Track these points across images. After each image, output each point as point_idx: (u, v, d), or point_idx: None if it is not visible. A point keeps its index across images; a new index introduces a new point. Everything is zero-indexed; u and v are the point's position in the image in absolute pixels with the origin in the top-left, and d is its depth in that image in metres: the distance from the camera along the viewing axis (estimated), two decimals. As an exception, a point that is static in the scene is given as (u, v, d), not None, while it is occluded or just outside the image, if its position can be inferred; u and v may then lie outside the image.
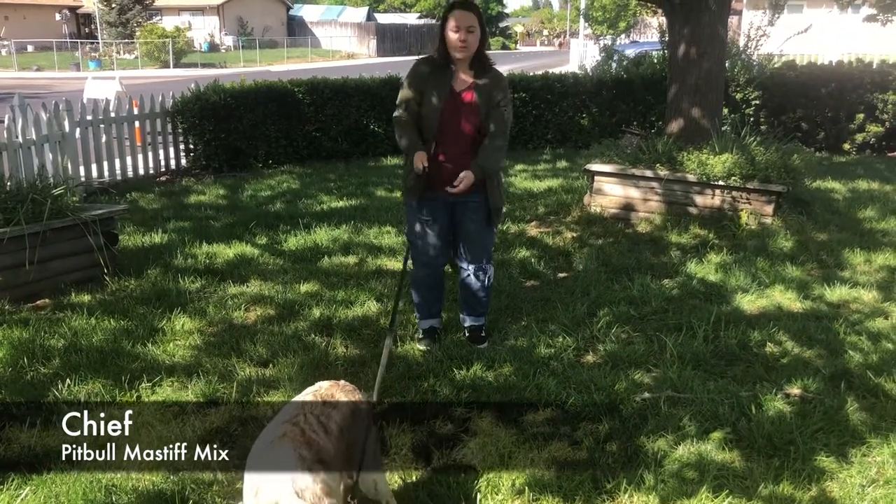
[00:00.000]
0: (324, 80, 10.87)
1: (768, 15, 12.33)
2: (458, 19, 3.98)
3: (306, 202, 8.10)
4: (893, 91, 10.87)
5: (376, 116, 11.01)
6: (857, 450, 3.35)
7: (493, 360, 4.23)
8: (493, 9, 68.79)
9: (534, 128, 11.68)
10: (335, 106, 10.67)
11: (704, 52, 7.13)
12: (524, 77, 11.77)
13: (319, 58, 45.82)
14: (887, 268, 5.80)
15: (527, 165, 10.17)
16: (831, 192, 8.34)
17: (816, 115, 11.24)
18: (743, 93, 11.14)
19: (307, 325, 4.77)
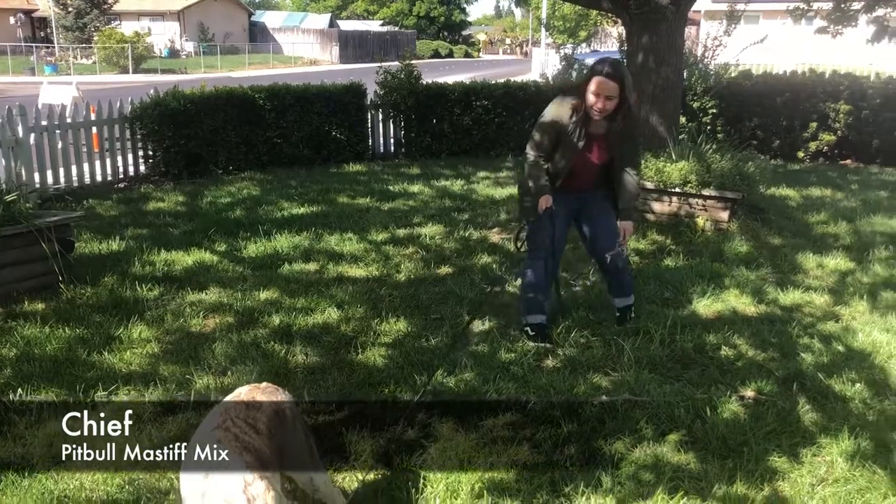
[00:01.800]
0: (285, 86, 10.82)
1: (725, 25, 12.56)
2: (600, 87, 4.17)
3: (267, 209, 8.05)
4: (845, 101, 11.15)
5: (338, 123, 10.99)
6: (808, 450, 3.42)
7: (454, 365, 4.25)
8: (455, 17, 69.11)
9: (496, 135, 11.73)
10: (296, 112, 10.62)
11: (662, 61, 7.25)
12: (486, 85, 11.83)
13: (281, 64, 45.58)
14: (838, 272, 5.95)
15: (489, 172, 10.22)
16: (785, 198, 8.52)
17: (771, 124, 11.48)
18: (700, 101, 11.34)
19: (266, 332, 4.74)
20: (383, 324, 4.86)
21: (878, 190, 9.06)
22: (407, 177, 9.97)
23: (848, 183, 9.60)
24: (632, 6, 7.10)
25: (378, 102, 11.60)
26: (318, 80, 11.77)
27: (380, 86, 11.52)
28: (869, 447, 3.40)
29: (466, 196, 8.77)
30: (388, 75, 11.46)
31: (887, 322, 4.93)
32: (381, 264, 6.11)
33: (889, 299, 5.33)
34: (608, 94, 4.18)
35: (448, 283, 5.64)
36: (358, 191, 8.99)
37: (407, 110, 11.47)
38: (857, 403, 3.85)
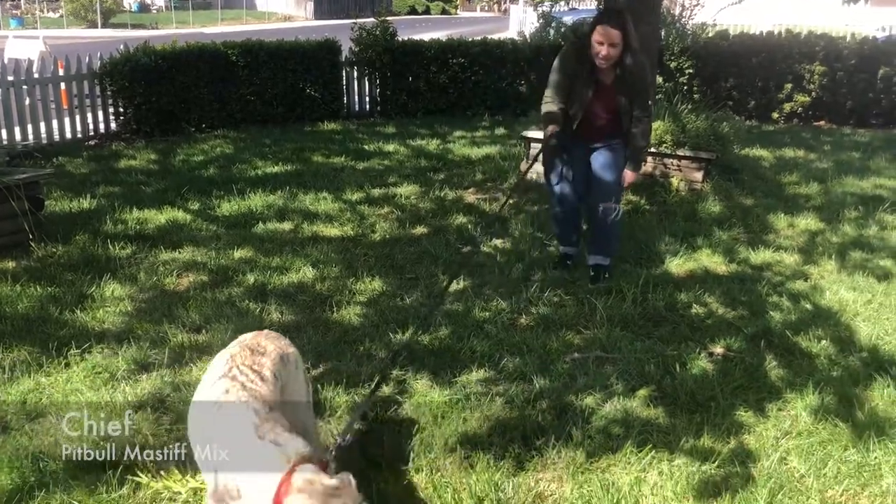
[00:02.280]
0: (259, 42, 10.63)
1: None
2: (604, 35, 4.38)
3: (240, 167, 7.98)
4: (820, 62, 11.19)
5: (313, 80, 10.84)
6: (773, 404, 3.51)
7: (428, 323, 4.28)
8: (433, -26, 67.98)
9: (472, 94, 11.65)
10: (270, 69, 10.45)
11: (639, 20, 7.15)
12: (463, 42, 11.71)
13: (255, 20, 44.71)
14: (809, 232, 6.03)
15: (465, 132, 10.17)
16: (759, 159, 8.59)
17: (747, 85, 11.52)
18: (677, 61, 11.33)
19: (241, 291, 4.74)
20: (358, 283, 4.87)
21: (851, 151, 9.16)
22: (382, 136, 9.91)
23: (821, 144, 9.69)
24: (609, -37, 7.03)
25: (353, 60, 11.45)
26: (293, 36, 11.58)
27: (355, 42, 11.36)
28: (832, 402, 3.49)
29: (442, 156, 8.73)
30: (364, 32, 11.30)
31: (854, 281, 5.02)
32: (356, 224, 6.10)
33: (857, 259, 5.42)
34: (612, 42, 4.36)
35: (423, 243, 5.65)
36: (333, 150, 8.92)
37: (382, 68, 11.34)
38: (823, 360, 3.94)
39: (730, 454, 3.12)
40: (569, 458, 3.08)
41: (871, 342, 4.14)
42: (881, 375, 3.72)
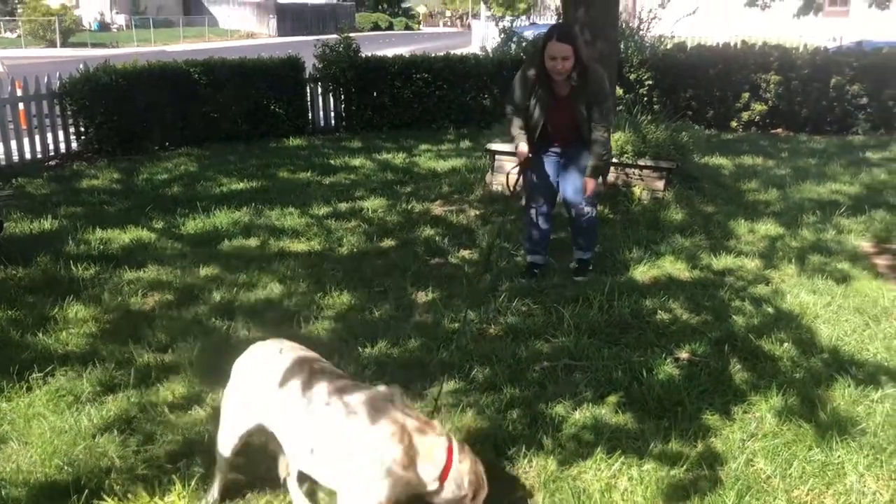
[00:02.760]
0: (221, 60, 10.61)
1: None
2: (554, 50, 4.56)
3: (205, 185, 7.92)
4: (775, 72, 11.45)
5: (277, 97, 10.84)
6: (739, 407, 3.56)
7: (398, 335, 4.28)
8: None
9: (437, 108, 11.72)
10: (234, 86, 10.43)
11: (598, 34, 7.31)
12: (426, 58, 11.79)
13: (217, 37, 44.43)
14: (768, 237, 6.15)
15: (431, 145, 10.22)
16: (719, 167, 8.74)
17: (705, 95, 11.73)
18: (636, 73, 11.50)
19: (207, 309, 4.70)
20: (326, 297, 4.86)
21: (807, 157, 9.37)
22: (348, 150, 9.91)
23: (778, 151, 9.89)
24: (568, -22, 7.14)
25: (317, 76, 11.46)
26: (256, 53, 11.57)
27: (318, 59, 11.38)
28: (796, 403, 3.56)
29: (408, 169, 8.76)
30: (327, 48, 11.33)
31: (814, 284, 5.13)
32: (323, 238, 6.08)
33: (816, 262, 5.54)
34: (563, 55, 4.56)
35: (391, 256, 5.66)
36: (298, 165, 8.91)
37: (347, 83, 11.37)
38: (786, 362, 4.01)
39: (697, 458, 3.16)
40: (540, 467, 3.10)
41: (832, 343, 4.23)
42: (842, 376, 3.81)
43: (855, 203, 7.06)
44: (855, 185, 7.87)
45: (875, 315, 4.61)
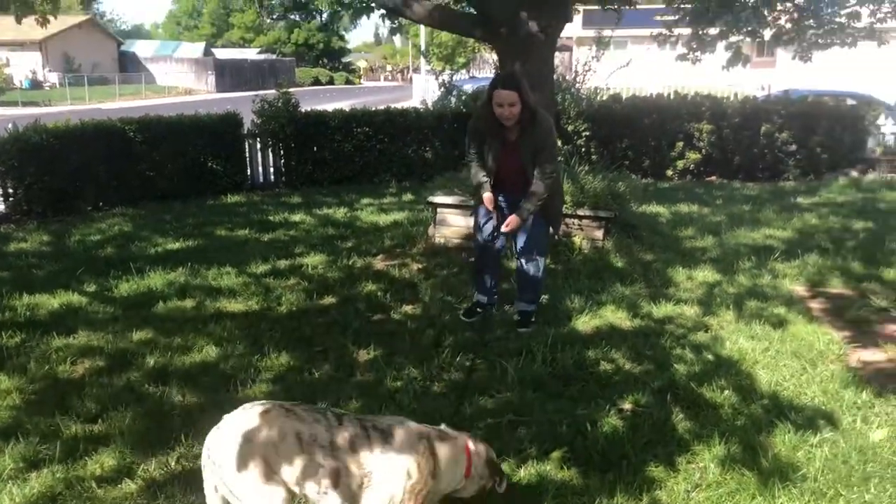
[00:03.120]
0: (157, 117, 10.49)
1: (595, 51, 13.10)
2: (501, 97, 4.70)
3: (140, 245, 7.73)
4: (707, 121, 11.82)
5: (214, 153, 10.74)
6: (683, 457, 3.55)
7: (339, 396, 4.18)
8: (335, 44, 68.98)
9: (378, 162, 11.76)
10: (170, 144, 10.29)
11: (534, 86, 7.41)
12: (367, 112, 11.86)
13: (155, 94, 44.07)
14: (706, 283, 6.25)
15: (373, 199, 10.21)
16: (656, 215, 8.91)
17: (641, 144, 12.05)
18: (574, 125, 11.75)
19: (140, 374, 4.53)
20: (265, 359, 4.73)
21: (741, 204, 9.63)
22: (288, 206, 9.83)
23: (713, 198, 10.16)
24: (503, 34, 7.28)
25: (256, 132, 11.41)
26: (194, 109, 11.48)
27: (257, 114, 11.34)
28: (738, 451, 3.56)
29: (350, 223, 8.71)
30: (265, 104, 11.30)
31: (752, 330, 5.20)
32: (261, 297, 5.96)
33: (753, 308, 5.64)
34: (509, 102, 4.69)
35: (332, 314, 5.57)
36: (236, 222, 8.78)
37: (286, 138, 11.34)
38: (727, 409, 4.03)
39: (644, 512, 3.12)
40: (485, 529, 3.02)
41: (771, 389, 4.27)
42: (782, 421, 3.83)
43: (788, 247, 7.25)
44: (787, 229, 8.10)
45: (811, 359, 4.69)
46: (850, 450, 3.58)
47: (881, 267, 6.62)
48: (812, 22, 9.97)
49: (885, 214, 8.88)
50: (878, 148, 12.81)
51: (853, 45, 9.89)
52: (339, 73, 65.83)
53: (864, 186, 10.97)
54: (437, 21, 7.92)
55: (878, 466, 3.45)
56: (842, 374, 4.44)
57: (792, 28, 10.14)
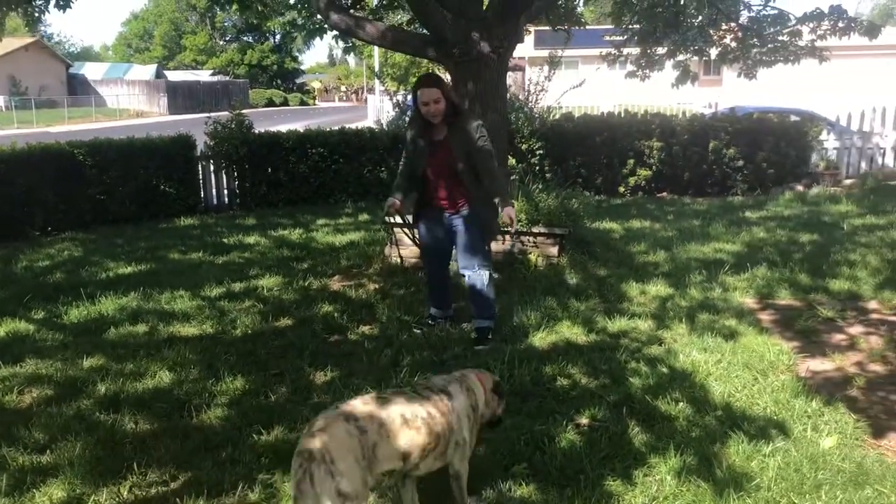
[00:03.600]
0: (107, 140, 10.35)
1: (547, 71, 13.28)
2: (425, 96, 4.94)
3: (90, 270, 7.58)
4: (657, 138, 12.05)
5: (167, 176, 10.61)
6: (639, 470, 3.58)
7: (294, 420, 4.13)
8: (288, 65, 68.76)
9: (334, 182, 11.73)
10: (121, 167, 10.16)
11: (487, 106, 7.51)
12: (322, 132, 11.84)
13: (105, 117, 43.38)
14: (659, 297, 6.34)
15: (328, 220, 10.17)
16: (609, 231, 9.04)
17: (593, 162, 12.22)
18: (528, 143, 11.88)
19: (91, 402, 4.43)
20: (219, 384, 4.66)
21: (691, 219, 9.81)
22: (242, 228, 9.74)
23: (665, 214, 10.34)
24: (455, 55, 7.34)
25: (209, 153, 11.30)
26: (146, 132, 11.33)
27: (210, 136, 11.24)
28: (694, 462, 3.61)
29: (306, 245, 8.66)
30: (219, 126, 11.21)
31: (704, 342, 5.29)
32: (215, 321, 5.88)
33: (705, 320, 5.73)
34: (433, 98, 4.93)
35: (288, 336, 5.52)
36: (190, 245, 8.67)
37: (240, 160, 11.26)
38: (682, 421, 4.08)
39: (602, 526, 3.14)
40: (445, 549, 3.01)
41: (724, 400, 4.34)
42: (735, 432, 3.90)
43: (738, 261, 7.40)
44: (736, 243, 8.27)
45: (762, 370, 4.78)
46: (801, 458, 3.65)
47: (827, 278, 6.80)
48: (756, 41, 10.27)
49: (829, 227, 9.13)
50: (821, 162, 13.18)
51: (796, 63, 10.21)
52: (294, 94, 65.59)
53: (809, 200, 11.27)
54: (390, 41, 7.96)
55: (828, 473, 3.53)
56: (792, 383, 4.54)
57: (737, 47, 10.43)
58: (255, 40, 68.22)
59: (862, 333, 5.54)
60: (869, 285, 6.59)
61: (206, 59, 68.17)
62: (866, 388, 4.60)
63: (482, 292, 5.28)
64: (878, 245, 7.96)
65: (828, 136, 13.39)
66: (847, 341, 5.40)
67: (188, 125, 13.81)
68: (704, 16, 10.45)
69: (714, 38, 10.68)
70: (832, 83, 25.99)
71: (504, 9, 7.32)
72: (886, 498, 3.35)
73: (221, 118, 11.44)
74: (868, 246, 7.93)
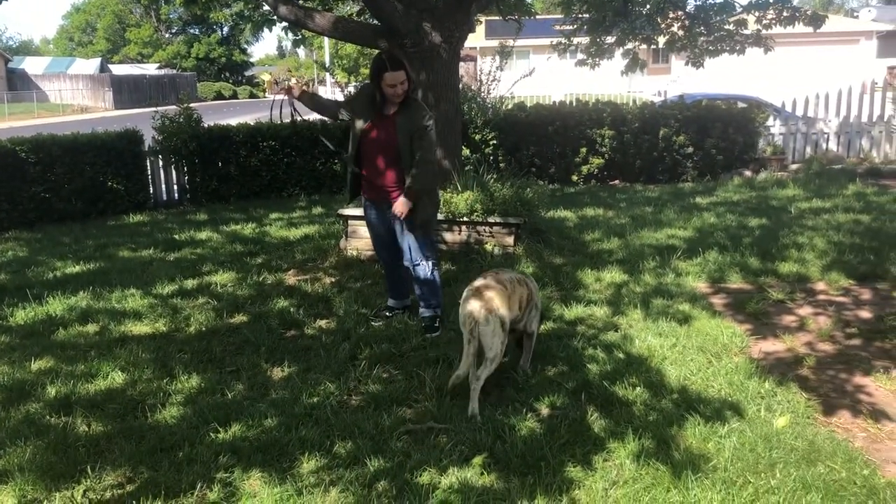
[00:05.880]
0: (51, 136, 10.06)
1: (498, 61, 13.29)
2: (392, 79, 4.86)
3: (36, 270, 7.37)
4: (608, 126, 12.17)
5: (114, 172, 10.38)
6: (599, 456, 3.62)
7: (252, 416, 4.08)
8: (237, 57, 67.64)
9: (287, 176, 11.60)
10: (66, 164, 9.90)
11: (440, 97, 7.51)
12: (273, 126, 11.66)
13: (48, 113, 42.18)
14: (614, 284, 6.41)
15: (282, 214, 10.05)
16: (564, 219, 9.10)
17: (547, 151, 12.28)
18: (481, 134, 11.89)
19: (41, 406, 4.32)
20: (174, 382, 4.58)
21: (644, 206, 9.94)
22: (193, 223, 9.57)
23: (617, 202, 10.45)
24: (407, 45, 7.31)
25: (157, 149, 11.07)
26: (91, 128, 11.05)
27: (158, 131, 11.01)
28: (652, 446, 3.66)
29: (259, 239, 8.55)
30: (166, 120, 10.99)
31: (659, 327, 5.37)
32: (168, 319, 5.77)
33: (659, 305, 5.81)
34: (400, 81, 4.90)
35: (243, 332, 5.44)
36: (140, 242, 8.49)
37: (189, 155, 11.05)
38: (639, 406, 4.14)
39: (564, 511, 3.17)
40: (408, 541, 3.00)
41: (680, 384, 4.41)
42: (691, 414, 3.97)
43: (690, 246, 7.52)
44: (688, 229, 8.40)
45: (716, 352, 4.87)
46: (756, 438, 3.73)
47: (776, 261, 6.94)
48: (702, 29, 10.43)
49: (777, 211, 9.32)
50: (768, 148, 13.44)
51: (742, 52, 10.40)
52: (243, 86, 64.56)
53: (757, 185, 11.50)
54: (340, 33, 7.89)
55: (782, 452, 3.61)
56: (745, 365, 4.63)
57: (684, 35, 10.58)
58: (203, 32, 66.98)
59: (811, 314, 5.68)
60: (816, 267, 6.75)
61: (151, 53, 66.76)
62: (816, 367, 4.72)
63: (427, 281, 5.29)
64: (824, 228, 8.16)
65: (774, 123, 13.67)
66: (797, 322, 5.53)
67: (135, 120, 13.54)
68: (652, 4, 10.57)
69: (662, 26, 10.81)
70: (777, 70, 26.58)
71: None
72: (837, 473, 3.44)
73: (169, 112, 11.21)
74: (815, 229, 8.13)
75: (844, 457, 3.58)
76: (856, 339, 5.19)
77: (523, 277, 4.61)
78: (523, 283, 4.50)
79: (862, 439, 3.84)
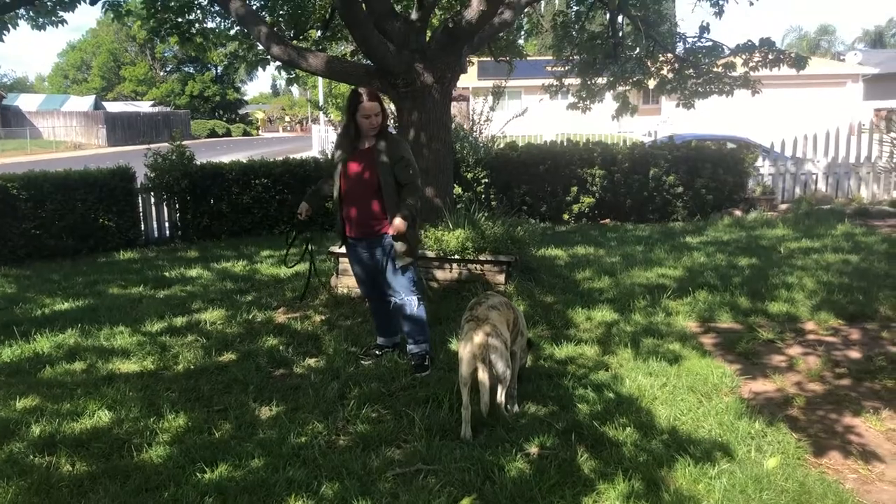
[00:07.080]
0: (43, 173, 10.08)
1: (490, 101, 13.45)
2: (367, 109, 5.00)
3: (25, 307, 7.33)
4: (599, 166, 12.28)
5: (106, 209, 10.37)
6: (588, 497, 3.59)
7: (240, 456, 4.04)
8: (230, 95, 68.14)
9: (278, 213, 11.62)
10: (57, 200, 9.90)
11: (432, 136, 7.58)
12: (265, 163, 11.73)
13: (41, 149, 42.23)
14: (605, 323, 6.41)
15: (272, 251, 10.04)
16: (555, 258, 9.12)
17: (538, 190, 12.37)
18: (473, 172, 11.97)
19: (25, 445, 4.26)
20: (161, 421, 4.53)
21: (634, 245, 9.97)
22: (184, 261, 9.55)
23: (608, 240, 10.49)
24: (399, 85, 7.40)
25: (149, 185, 11.10)
26: (83, 164, 11.07)
27: (150, 168, 11.05)
28: (641, 487, 3.63)
29: (249, 277, 8.53)
30: (158, 157, 11.03)
31: (649, 366, 5.35)
32: (157, 357, 5.73)
33: (649, 345, 5.81)
34: (375, 112, 5.04)
35: (232, 370, 5.40)
36: (130, 279, 8.46)
37: (181, 192, 11.07)
38: (629, 446, 4.11)
39: (553, 554, 3.13)
40: (395, 585, 2.95)
41: (670, 424, 4.39)
42: (681, 455, 3.94)
43: (680, 285, 7.54)
44: (678, 268, 8.43)
45: (706, 392, 4.86)
46: (746, 479, 3.70)
47: (766, 301, 6.96)
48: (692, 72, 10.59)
49: (766, 251, 9.37)
50: (757, 188, 13.58)
51: (730, 94, 10.56)
52: (237, 124, 64.95)
53: (747, 224, 11.57)
54: (333, 72, 7.98)
55: (772, 494, 3.58)
56: (735, 405, 4.61)
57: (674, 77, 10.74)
58: (197, 71, 67.51)
59: (800, 354, 5.69)
60: (806, 307, 6.77)
61: (146, 90, 67.20)
62: (806, 407, 4.71)
63: (412, 318, 5.27)
64: (813, 268, 8.21)
65: (763, 163, 13.82)
66: (786, 362, 5.53)
67: (128, 157, 13.57)
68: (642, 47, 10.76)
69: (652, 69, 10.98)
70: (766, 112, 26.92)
71: (446, 40, 7.42)
72: (828, 516, 3.41)
73: (162, 149, 11.26)
74: (804, 269, 8.17)
75: (835, 499, 3.55)
76: (845, 379, 5.19)
77: (507, 301, 4.87)
78: (509, 307, 4.77)
79: (852, 480, 3.82)
